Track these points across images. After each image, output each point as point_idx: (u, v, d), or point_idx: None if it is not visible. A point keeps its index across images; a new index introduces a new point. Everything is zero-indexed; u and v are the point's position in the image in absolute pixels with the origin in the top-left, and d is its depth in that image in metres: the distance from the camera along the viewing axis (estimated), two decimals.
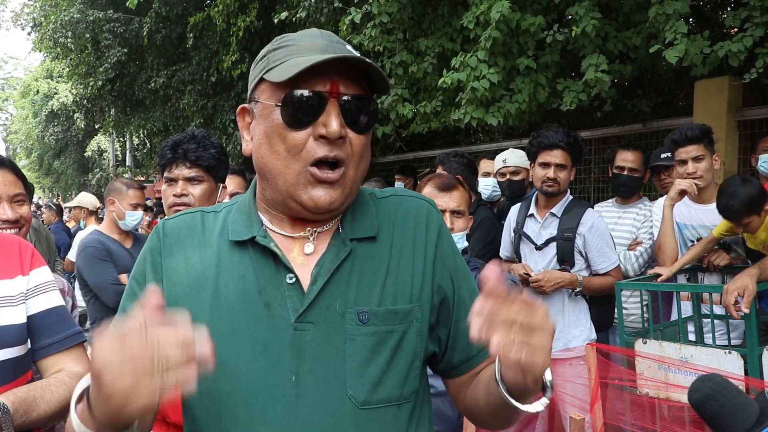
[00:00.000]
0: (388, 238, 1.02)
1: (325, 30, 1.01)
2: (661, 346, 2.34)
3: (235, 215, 1.04)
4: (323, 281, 0.96)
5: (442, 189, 2.11)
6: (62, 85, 23.23)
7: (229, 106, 9.00)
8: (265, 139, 0.96)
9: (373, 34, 4.65)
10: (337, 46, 0.96)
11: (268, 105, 0.95)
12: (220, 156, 1.92)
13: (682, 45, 3.23)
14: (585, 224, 2.79)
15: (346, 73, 0.93)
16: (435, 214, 1.08)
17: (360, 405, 0.94)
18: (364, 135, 0.97)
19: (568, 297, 2.81)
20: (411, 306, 0.99)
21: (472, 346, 1.06)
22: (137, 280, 1.04)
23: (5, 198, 1.74)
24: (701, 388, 0.98)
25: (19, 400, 1.22)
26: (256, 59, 1.01)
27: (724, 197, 2.41)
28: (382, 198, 1.08)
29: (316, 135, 0.92)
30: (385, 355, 0.96)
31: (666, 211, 2.71)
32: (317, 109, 0.92)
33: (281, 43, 0.98)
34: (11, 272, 1.39)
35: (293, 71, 0.89)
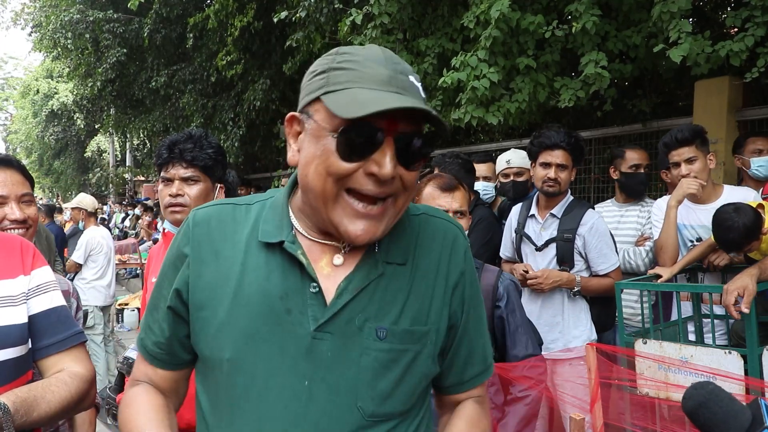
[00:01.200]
0: (414, 260, 1.04)
1: (389, 51, 0.97)
2: (661, 346, 2.34)
3: (267, 214, 1.04)
4: (348, 297, 0.97)
5: (444, 189, 2.11)
6: (62, 85, 23.25)
7: (229, 105, 9.01)
8: (312, 159, 0.94)
9: (373, 35, 4.65)
10: (401, 79, 0.92)
11: (323, 128, 0.92)
12: (218, 156, 1.90)
13: (686, 44, 3.22)
14: (585, 225, 2.78)
15: (406, 110, 0.90)
16: (461, 239, 1.09)
17: (367, 416, 0.97)
18: (416, 170, 0.96)
19: (567, 297, 2.81)
20: (427, 328, 1.02)
21: (465, 373, 1.12)
22: (165, 273, 1.07)
23: (13, 198, 1.75)
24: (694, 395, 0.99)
25: (20, 400, 1.21)
26: (314, 70, 0.97)
27: (722, 231, 2.40)
28: (413, 216, 1.08)
29: (367, 171, 0.91)
30: (397, 372, 0.99)
31: (671, 212, 2.71)
32: (374, 145, 0.90)
33: (343, 62, 0.94)
34: (13, 272, 1.39)
35: (358, 112, 0.85)
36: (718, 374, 2.13)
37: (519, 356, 2.09)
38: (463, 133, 6.84)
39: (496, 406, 2.09)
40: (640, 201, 3.26)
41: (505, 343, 2.12)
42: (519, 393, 2.06)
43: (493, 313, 2.10)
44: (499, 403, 2.10)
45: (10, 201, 1.75)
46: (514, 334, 2.10)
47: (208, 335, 0.99)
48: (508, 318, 2.10)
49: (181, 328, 1.04)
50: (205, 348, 1.00)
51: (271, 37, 7.84)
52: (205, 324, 1.00)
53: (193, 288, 1.01)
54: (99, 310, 5.63)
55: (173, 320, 1.04)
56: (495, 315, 2.10)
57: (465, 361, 1.11)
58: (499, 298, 2.10)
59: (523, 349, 2.09)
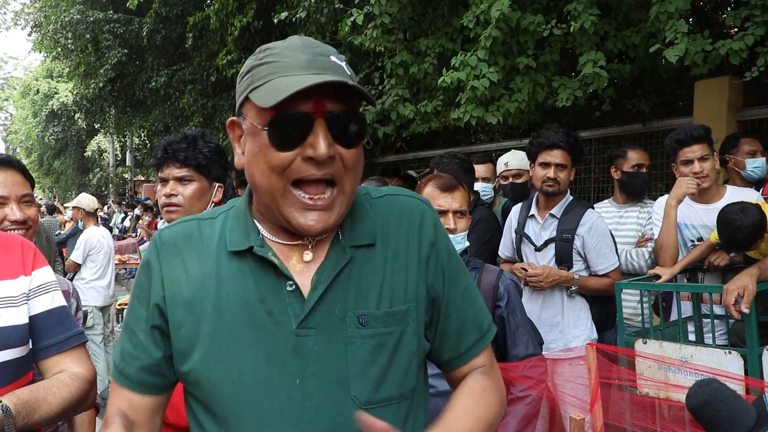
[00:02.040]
0: (384, 240, 1.03)
1: (309, 38, 0.99)
2: (661, 346, 2.34)
3: (231, 224, 1.04)
4: (323, 288, 0.97)
5: (444, 189, 2.11)
6: (62, 85, 23.24)
7: (229, 105, 9.01)
8: (253, 158, 0.96)
9: (373, 35, 4.65)
10: (320, 60, 0.93)
11: (255, 125, 0.94)
12: (213, 155, 1.89)
13: (682, 44, 3.23)
14: (584, 225, 2.78)
15: (331, 89, 0.91)
16: (429, 212, 1.09)
17: (363, 405, 0.96)
18: (355, 148, 0.96)
19: (567, 297, 2.81)
20: (407, 306, 1.01)
21: (460, 345, 1.10)
22: (137, 295, 1.05)
23: (13, 198, 1.74)
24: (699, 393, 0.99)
25: (21, 401, 1.21)
26: (241, 72, 1.00)
27: (729, 231, 2.40)
28: (377, 198, 1.08)
29: (304, 156, 0.92)
30: (385, 356, 0.98)
31: (671, 211, 2.70)
32: (304, 130, 0.91)
33: (264, 57, 0.96)
34: (14, 272, 1.39)
35: (276, 98, 0.87)
36: (718, 374, 2.13)
37: (519, 356, 2.09)
38: (463, 133, 6.85)
39: None
40: (640, 201, 3.26)
41: (506, 342, 2.12)
42: (519, 393, 2.06)
43: (493, 313, 2.10)
44: None
45: (10, 202, 1.74)
46: (514, 333, 2.10)
47: (193, 351, 0.98)
48: (508, 318, 2.10)
49: (167, 347, 1.03)
50: (192, 364, 0.99)
51: (271, 37, 7.84)
52: (187, 341, 0.99)
53: (171, 307, 1.00)
54: (98, 311, 5.62)
55: (160, 339, 1.03)
56: (495, 315, 2.10)
57: (458, 332, 1.09)
58: (499, 298, 2.10)
59: (524, 348, 2.09)
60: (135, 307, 1.05)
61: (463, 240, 2.11)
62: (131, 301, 1.07)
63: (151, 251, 1.05)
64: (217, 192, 1.89)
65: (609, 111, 4.69)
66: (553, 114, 5.28)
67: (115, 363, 1.07)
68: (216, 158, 1.90)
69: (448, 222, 2.06)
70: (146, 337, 1.03)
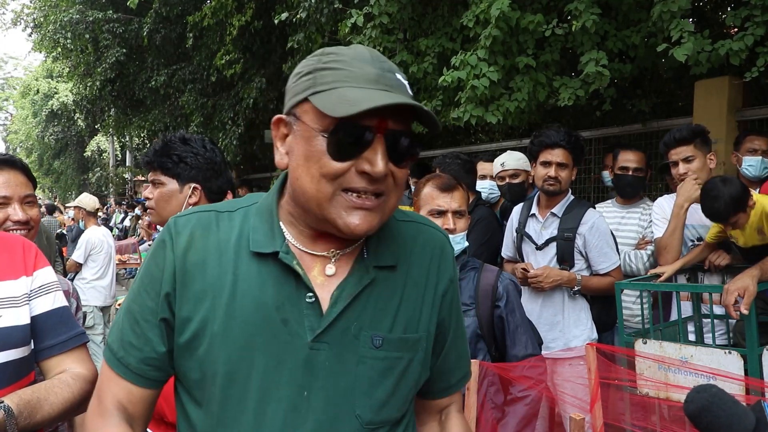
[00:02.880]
0: (405, 266, 1.04)
1: (375, 51, 0.97)
2: (661, 346, 2.34)
3: (255, 222, 1.01)
4: (343, 305, 0.96)
5: (443, 189, 2.11)
6: (62, 85, 23.25)
7: (229, 104, 9.01)
8: (303, 161, 0.93)
9: (373, 35, 4.65)
10: (388, 78, 0.92)
11: (312, 129, 0.92)
12: (185, 158, 1.87)
13: (689, 43, 3.22)
14: (585, 224, 2.78)
15: (394, 108, 0.90)
16: (450, 249, 1.12)
17: (365, 424, 0.98)
18: (406, 168, 0.97)
19: (568, 296, 2.81)
20: (419, 335, 1.03)
21: (451, 378, 1.16)
22: (146, 283, 1.01)
23: (16, 199, 1.74)
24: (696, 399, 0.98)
25: (23, 402, 1.21)
26: (299, 72, 0.96)
27: (708, 201, 2.42)
28: (402, 221, 1.09)
29: (359, 169, 0.91)
30: (392, 380, 1.00)
31: (681, 212, 2.68)
32: (364, 144, 0.90)
33: (329, 62, 0.93)
34: (15, 273, 1.39)
35: (349, 110, 0.85)
36: (718, 374, 2.13)
37: (519, 356, 2.09)
38: (463, 133, 6.85)
39: (496, 406, 2.09)
40: (642, 203, 3.26)
41: (505, 342, 2.12)
42: (519, 393, 2.06)
43: (492, 313, 2.10)
44: (499, 403, 2.10)
45: (13, 202, 1.74)
46: (513, 333, 2.10)
47: (200, 348, 0.96)
48: (507, 318, 2.10)
49: (171, 342, 1.00)
50: (196, 361, 0.97)
51: (271, 37, 7.85)
52: (194, 336, 0.97)
53: (180, 299, 0.97)
54: (99, 310, 5.62)
55: (165, 333, 0.99)
56: (495, 315, 2.10)
57: (453, 365, 1.16)
58: (498, 298, 2.10)
59: (523, 348, 2.09)
60: (141, 295, 1.00)
61: (462, 240, 2.11)
62: (137, 286, 1.02)
63: (165, 238, 1.01)
64: (193, 193, 1.87)
65: (609, 111, 4.69)
66: (553, 114, 5.28)
67: (112, 348, 1.03)
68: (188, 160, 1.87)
69: (447, 222, 2.06)
70: (151, 330, 0.99)
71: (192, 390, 1.00)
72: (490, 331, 2.11)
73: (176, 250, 0.99)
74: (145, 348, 1.00)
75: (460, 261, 2.16)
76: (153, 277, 1.00)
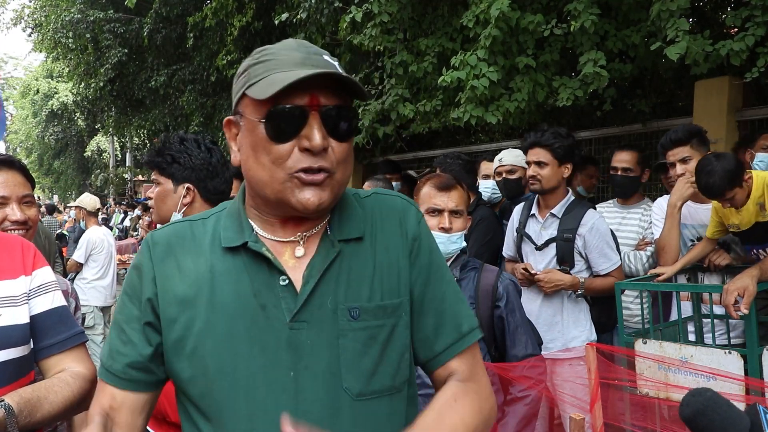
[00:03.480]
0: (372, 236, 1.07)
1: (303, 40, 1.04)
2: (661, 346, 2.34)
3: (225, 222, 1.07)
4: (314, 282, 1.00)
5: (441, 188, 2.11)
6: (62, 85, 23.25)
7: (228, 104, 9.01)
8: (251, 152, 0.99)
9: (373, 34, 4.65)
10: (315, 59, 0.98)
11: (252, 120, 0.98)
12: (178, 159, 1.89)
13: (683, 42, 3.22)
14: (585, 225, 2.78)
15: (326, 85, 0.96)
16: (413, 209, 1.13)
17: (355, 397, 0.99)
18: (347, 142, 1.01)
19: (567, 297, 2.81)
20: (400, 300, 1.05)
21: (435, 345, 1.07)
22: (128, 294, 1.06)
23: (14, 199, 1.75)
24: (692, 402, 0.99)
25: (24, 400, 1.22)
26: (238, 73, 1.04)
27: (703, 176, 2.39)
28: (365, 197, 1.12)
29: (301, 147, 0.96)
30: (377, 348, 1.01)
31: (675, 212, 2.69)
32: (299, 122, 0.95)
33: (260, 57, 1.00)
34: (14, 272, 1.40)
35: (273, 89, 0.92)
36: (718, 374, 2.13)
37: (518, 356, 2.09)
38: (463, 133, 6.85)
39: (496, 406, 2.09)
40: (643, 204, 3.26)
41: (505, 342, 2.12)
42: (519, 393, 2.06)
43: (492, 313, 2.10)
44: (498, 403, 2.10)
45: (11, 202, 1.75)
46: (513, 333, 2.10)
47: (186, 346, 1.00)
48: (507, 318, 2.10)
49: (158, 343, 1.04)
50: (185, 360, 1.00)
51: (271, 37, 7.84)
52: (180, 337, 1.00)
53: (163, 303, 1.02)
54: (99, 311, 5.62)
55: (151, 335, 1.03)
56: (494, 315, 2.10)
57: (435, 331, 1.07)
58: (498, 298, 2.10)
59: (523, 348, 2.09)
60: (126, 306, 1.06)
61: (459, 240, 2.11)
62: (121, 299, 1.08)
63: (143, 252, 1.07)
64: (187, 194, 1.87)
65: (609, 111, 4.69)
66: (553, 114, 5.28)
67: (102, 361, 1.08)
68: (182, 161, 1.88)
69: (443, 221, 2.06)
70: (136, 334, 1.04)
71: (187, 388, 1.02)
72: (490, 331, 2.11)
73: (154, 258, 1.05)
74: (131, 352, 1.04)
75: (460, 261, 2.16)
76: (134, 287, 1.06)
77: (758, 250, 2.54)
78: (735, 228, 2.53)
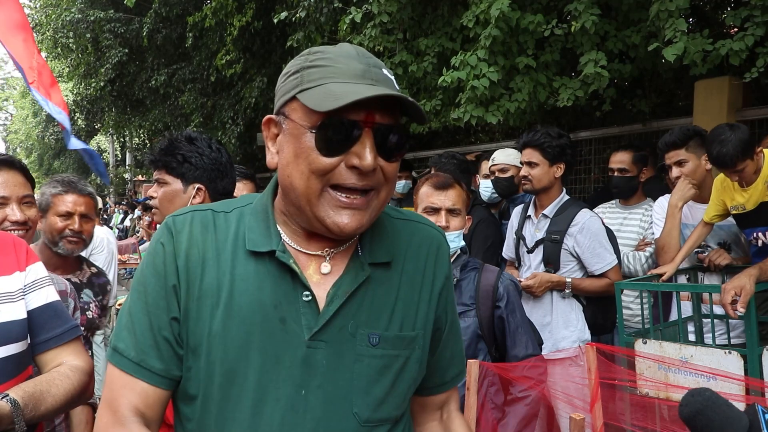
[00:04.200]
0: (401, 263, 1.05)
1: (361, 49, 0.99)
2: (661, 346, 2.34)
3: (251, 222, 1.01)
4: (339, 303, 0.97)
5: (438, 188, 2.12)
6: (62, 85, 23.19)
7: (228, 104, 9.01)
8: (293, 159, 0.94)
9: (373, 34, 4.65)
10: (374, 72, 0.93)
11: (301, 126, 0.93)
12: (189, 158, 1.86)
13: (681, 43, 3.22)
14: (576, 225, 2.78)
15: (383, 102, 0.92)
16: (446, 246, 1.12)
17: (362, 422, 0.98)
18: (395, 162, 0.97)
19: (558, 297, 2.81)
20: (416, 333, 1.04)
21: (447, 374, 1.17)
22: (152, 282, 0.99)
23: (14, 199, 1.75)
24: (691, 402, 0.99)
25: (27, 394, 1.24)
26: (287, 72, 0.98)
27: (716, 145, 2.35)
28: (397, 219, 1.10)
29: (349, 164, 0.91)
30: (389, 377, 1.00)
31: (676, 212, 2.69)
32: (352, 138, 0.91)
33: (316, 60, 0.94)
34: (9, 268, 1.41)
35: (335, 104, 0.86)
36: (718, 374, 2.13)
37: (519, 356, 2.09)
38: (463, 132, 6.85)
39: (496, 406, 2.09)
40: (644, 204, 3.26)
41: (505, 343, 2.12)
42: (519, 393, 2.06)
43: (493, 313, 2.10)
44: (499, 403, 2.10)
45: (11, 202, 1.75)
46: (514, 334, 2.10)
47: (199, 347, 0.96)
48: (508, 318, 2.10)
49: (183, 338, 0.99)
50: (195, 360, 0.97)
51: (271, 36, 7.85)
52: (195, 335, 0.97)
53: (185, 296, 0.97)
54: None
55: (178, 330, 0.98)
56: (495, 315, 2.10)
57: (449, 362, 1.16)
58: (499, 298, 2.10)
59: (523, 349, 2.09)
60: (149, 293, 0.98)
61: (457, 239, 2.11)
62: (142, 285, 0.99)
63: (165, 237, 1.00)
64: (197, 194, 1.85)
65: (609, 111, 4.68)
66: (553, 114, 5.28)
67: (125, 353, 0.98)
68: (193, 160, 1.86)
69: (440, 220, 2.08)
70: (167, 328, 0.97)
71: (190, 389, 0.99)
72: (490, 332, 2.11)
73: (177, 247, 0.99)
74: (165, 348, 0.98)
75: (461, 261, 2.16)
76: (158, 274, 0.98)
77: (758, 234, 2.51)
78: (739, 209, 2.49)
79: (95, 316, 2.31)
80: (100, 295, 2.39)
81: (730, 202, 2.52)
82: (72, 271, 2.37)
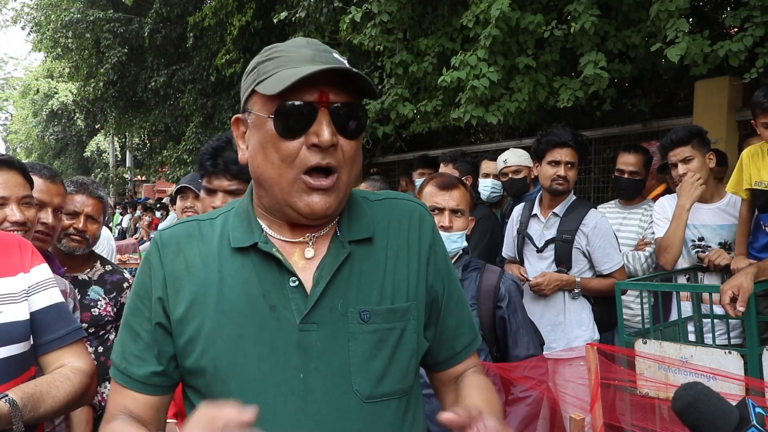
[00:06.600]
0: (384, 239, 1.07)
1: (312, 39, 1.03)
2: (661, 346, 2.34)
3: (234, 222, 1.06)
4: (325, 283, 0.99)
5: (442, 188, 2.11)
6: (62, 85, 23.24)
7: (229, 104, 9.02)
8: (259, 149, 0.99)
9: (373, 34, 4.65)
10: (324, 56, 0.98)
11: (261, 116, 0.98)
12: None
13: (683, 43, 3.22)
14: (588, 225, 2.78)
15: (335, 82, 0.96)
16: (428, 216, 1.14)
17: (365, 399, 0.99)
18: (355, 140, 1.00)
19: (569, 297, 2.81)
20: (408, 304, 1.05)
21: (456, 344, 1.16)
22: (139, 294, 1.05)
23: (14, 200, 1.75)
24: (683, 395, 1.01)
25: (27, 395, 1.24)
26: (247, 71, 1.04)
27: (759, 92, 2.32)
28: (375, 200, 1.12)
29: (309, 144, 0.95)
30: (386, 351, 1.01)
31: (683, 213, 2.67)
32: (308, 118, 0.95)
33: (270, 54, 1.00)
34: (13, 270, 1.41)
35: (283, 84, 0.92)
36: (718, 374, 2.13)
37: (520, 356, 2.09)
38: (463, 132, 6.85)
39: None
40: (644, 204, 3.26)
41: (507, 343, 2.12)
42: (520, 393, 2.06)
43: (494, 314, 2.10)
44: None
45: (10, 202, 1.75)
46: (515, 334, 2.10)
47: (197, 347, 0.99)
48: (509, 318, 2.10)
49: (171, 346, 1.03)
50: (194, 360, 1.00)
51: (271, 37, 7.85)
52: (190, 337, 1.00)
53: (173, 303, 1.01)
54: None
55: (163, 338, 1.03)
56: (496, 315, 2.10)
57: (455, 332, 1.15)
58: (500, 299, 2.10)
59: (525, 349, 2.09)
60: (137, 306, 1.05)
61: (460, 239, 2.11)
62: (131, 299, 1.06)
63: (152, 251, 1.07)
64: None
65: (609, 111, 4.69)
66: (553, 114, 5.28)
67: (115, 363, 1.06)
68: None
69: (443, 220, 2.07)
70: (150, 338, 1.03)
71: (197, 387, 1.02)
72: (491, 332, 2.11)
73: (164, 258, 1.04)
74: (149, 358, 1.03)
75: (463, 261, 2.16)
76: (145, 287, 1.05)
77: None
78: (763, 185, 2.43)
79: (104, 313, 2.32)
80: (114, 293, 2.40)
81: (756, 175, 2.46)
82: (81, 268, 2.38)
